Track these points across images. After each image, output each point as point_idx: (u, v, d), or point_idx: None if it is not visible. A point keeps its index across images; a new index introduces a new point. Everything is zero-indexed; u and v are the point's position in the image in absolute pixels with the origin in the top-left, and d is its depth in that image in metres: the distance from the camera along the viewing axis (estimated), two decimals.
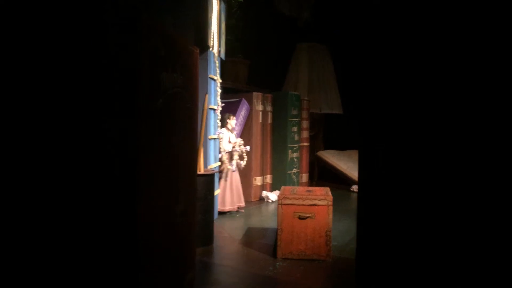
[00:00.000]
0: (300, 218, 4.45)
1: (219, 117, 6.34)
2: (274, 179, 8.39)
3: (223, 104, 6.41)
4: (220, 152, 6.51)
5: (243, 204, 6.90)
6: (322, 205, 4.45)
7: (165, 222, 2.83)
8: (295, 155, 8.58)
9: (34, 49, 2.27)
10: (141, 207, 2.41)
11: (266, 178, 8.20)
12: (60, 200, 2.31)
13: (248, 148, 6.89)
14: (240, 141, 6.82)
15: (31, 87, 2.28)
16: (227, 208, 6.60)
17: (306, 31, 10.58)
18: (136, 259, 2.41)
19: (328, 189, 4.94)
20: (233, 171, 6.70)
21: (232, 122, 6.76)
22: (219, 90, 6.17)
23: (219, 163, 6.44)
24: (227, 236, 5.39)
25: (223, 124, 6.65)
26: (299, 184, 8.81)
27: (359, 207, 2.18)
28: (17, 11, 2.28)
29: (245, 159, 6.84)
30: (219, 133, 6.42)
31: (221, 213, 6.53)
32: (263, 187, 8.09)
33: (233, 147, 6.72)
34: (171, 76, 2.83)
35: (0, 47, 2.24)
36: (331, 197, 4.51)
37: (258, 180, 7.92)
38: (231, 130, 6.80)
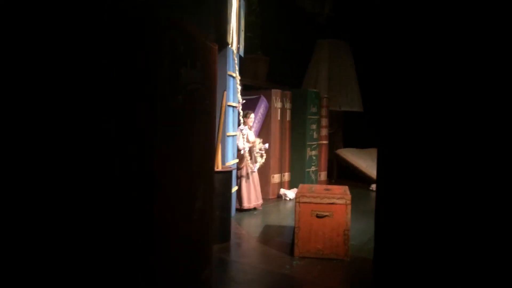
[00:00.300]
0: (318, 216, 4.41)
1: (241, 113, 6.35)
2: (292, 176, 8.35)
3: (244, 101, 6.40)
4: (238, 149, 6.50)
5: (261, 201, 6.91)
6: (340, 204, 4.40)
7: (182, 219, 2.83)
8: (313, 153, 8.52)
9: (49, 41, 2.28)
10: (158, 203, 2.41)
11: (284, 175, 8.16)
12: (80, 193, 2.32)
13: (267, 145, 6.88)
14: (259, 140, 6.80)
15: (52, 81, 2.30)
16: (252, 205, 6.63)
17: (327, 27, 10.48)
18: (152, 255, 2.41)
19: (346, 187, 4.88)
20: (254, 171, 6.69)
21: (249, 120, 6.72)
22: (239, 87, 6.16)
23: (237, 160, 6.43)
24: (244, 233, 5.38)
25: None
26: (318, 182, 8.75)
27: (377, 207, 2.13)
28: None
29: (264, 157, 6.84)
30: (241, 129, 6.43)
31: (239, 210, 6.53)
32: (281, 184, 8.06)
33: (253, 146, 6.69)
34: (190, 72, 2.82)
35: (18, 45, 2.25)
36: (350, 195, 4.46)
37: (276, 178, 7.89)
38: (249, 128, 6.78)
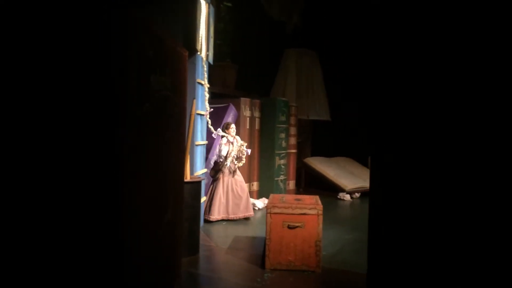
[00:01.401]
0: (289, 227, 4.32)
1: (209, 122, 6.20)
2: (260, 186, 8.26)
3: (211, 109, 6.25)
4: (218, 160, 6.38)
5: (251, 213, 6.72)
6: (312, 214, 4.33)
7: (151, 232, 2.68)
8: (282, 162, 8.46)
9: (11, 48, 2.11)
10: (125, 216, 2.26)
11: (253, 185, 8.06)
12: (40, 211, 2.15)
13: (249, 151, 6.70)
14: (241, 143, 6.64)
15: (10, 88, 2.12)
16: (221, 216, 6.44)
17: (295, 37, 10.52)
18: (118, 269, 2.25)
19: (317, 197, 4.82)
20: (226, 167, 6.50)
21: (231, 131, 6.59)
22: (207, 95, 6.03)
23: (205, 170, 6.29)
24: (214, 245, 5.23)
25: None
26: (286, 191, 8.69)
27: (371, 219, 2.03)
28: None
29: (243, 161, 6.63)
30: (223, 136, 6.33)
31: (207, 221, 6.36)
32: (249, 194, 7.93)
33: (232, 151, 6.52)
34: (160, 79, 2.69)
35: None
36: (321, 206, 4.40)
37: None
38: (231, 139, 6.62)
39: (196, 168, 5.67)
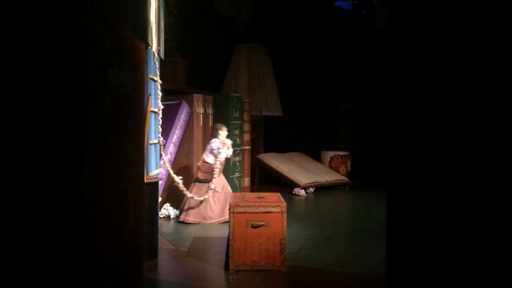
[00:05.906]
0: (253, 226, 4.20)
1: (160, 122, 5.95)
2: None
3: (162, 107, 6.00)
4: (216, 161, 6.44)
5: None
6: (276, 212, 4.23)
7: (114, 241, 2.46)
8: (237, 158, 8.32)
9: None
10: (88, 227, 2.04)
11: None
12: None
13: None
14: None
15: None
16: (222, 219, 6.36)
17: (245, 32, 10.39)
18: (80, 283, 2.04)
19: (279, 194, 4.73)
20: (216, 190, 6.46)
21: (223, 133, 6.59)
22: (160, 93, 5.77)
23: (160, 170, 6.04)
24: (172, 248, 5.01)
25: (215, 134, 6.60)
26: (242, 188, 8.56)
27: (389, 224, 1.88)
28: None
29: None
30: (213, 142, 6.48)
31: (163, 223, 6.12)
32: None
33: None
34: (118, 73, 2.47)
35: None
36: (285, 203, 4.31)
37: None
38: (222, 143, 6.58)
39: (151, 168, 5.41)
